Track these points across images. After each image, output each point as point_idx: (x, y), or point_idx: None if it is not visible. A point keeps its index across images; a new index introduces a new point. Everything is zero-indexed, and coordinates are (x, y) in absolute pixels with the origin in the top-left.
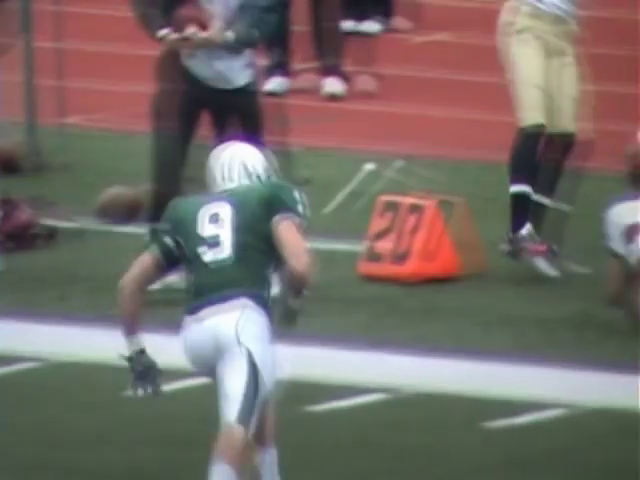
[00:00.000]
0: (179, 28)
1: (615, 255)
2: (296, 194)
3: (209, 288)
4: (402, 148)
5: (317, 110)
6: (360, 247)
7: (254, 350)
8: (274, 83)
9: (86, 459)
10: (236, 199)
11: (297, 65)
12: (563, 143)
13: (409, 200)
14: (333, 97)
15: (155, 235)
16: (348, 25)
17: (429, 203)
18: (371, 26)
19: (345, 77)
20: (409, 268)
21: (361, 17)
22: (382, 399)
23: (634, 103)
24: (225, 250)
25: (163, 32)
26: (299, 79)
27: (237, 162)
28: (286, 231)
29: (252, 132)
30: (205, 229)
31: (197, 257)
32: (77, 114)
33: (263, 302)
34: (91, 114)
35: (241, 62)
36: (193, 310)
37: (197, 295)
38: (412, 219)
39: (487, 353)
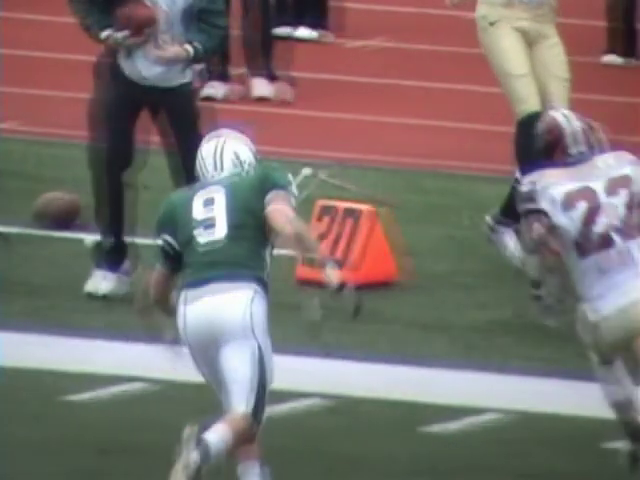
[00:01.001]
0: (120, 27)
1: (532, 214)
2: (287, 174)
3: (207, 266)
4: (336, 153)
5: (251, 115)
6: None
7: (264, 345)
8: (212, 88)
9: (25, 467)
10: (229, 183)
11: (233, 70)
12: None
13: (345, 205)
14: (262, 100)
15: (158, 248)
16: (283, 31)
17: (366, 208)
18: (306, 32)
19: (273, 79)
20: (345, 273)
21: (296, 24)
22: (318, 404)
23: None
24: (220, 231)
25: (106, 33)
26: (235, 84)
27: (228, 151)
28: (279, 204)
29: (189, 132)
30: (200, 213)
31: (192, 239)
32: (12, 119)
33: (265, 286)
34: (26, 119)
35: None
36: (193, 285)
37: (195, 272)
38: (348, 224)
39: (423, 358)
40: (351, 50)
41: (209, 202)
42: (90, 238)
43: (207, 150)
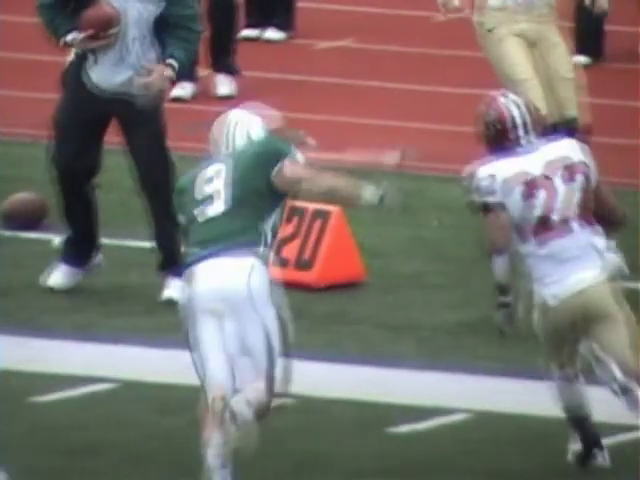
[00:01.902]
0: (83, 28)
1: (491, 208)
2: (287, 143)
3: (207, 240)
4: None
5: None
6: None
7: (269, 318)
8: (181, 89)
9: None
10: (231, 158)
11: (201, 71)
12: (567, 130)
13: (314, 206)
14: (224, 98)
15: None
16: (252, 33)
17: (335, 209)
18: (273, 34)
19: (234, 74)
20: (314, 274)
21: (264, 25)
22: (288, 404)
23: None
24: (220, 205)
25: (70, 37)
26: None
27: (241, 130)
28: (292, 166)
29: (154, 137)
30: (200, 192)
31: (194, 219)
32: None
33: (265, 259)
34: None
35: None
36: (194, 262)
37: (196, 250)
38: (317, 225)
39: (391, 359)
40: (318, 51)
41: (209, 180)
42: (58, 238)
43: (219, 129)
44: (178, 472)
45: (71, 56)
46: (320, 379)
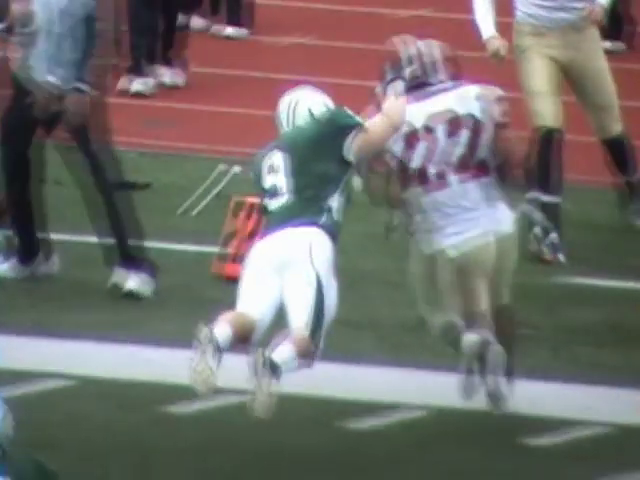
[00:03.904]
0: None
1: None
2: (346, 110)
3: (276, 225)
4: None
5: (168, 111)
6: (228, 250)
7: (324, 278)
8: (140, 83)
9: None
10: (286, 144)
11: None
12: (615, 145)
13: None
14: (174, 87)
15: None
16: (213, 30)
17: None
18: (235, 31)
19: (184, 68)
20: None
21: (226, 23)
22: (237, 401)
23: None
24: (284, 197)
25: None
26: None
27: (302, 107)
28: (363, 137)
29: (82, 133)
30: (266, 181)
31: (264, 208)
32: None
33: (331, 234)
34: None
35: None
36: (262, 237)
37: (266, 231)
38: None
39: (352, 356)
40: (269, 47)
41: (271, 169)
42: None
43: (282, 105)
44: (136, 469)
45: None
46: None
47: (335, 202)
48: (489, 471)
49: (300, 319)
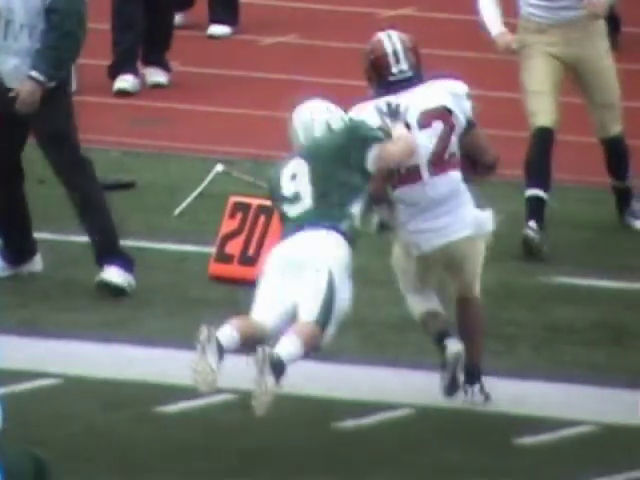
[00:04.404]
0: None
1: None
2: (367, 122)
3: (296, 230)
4: (249, 149)
5: (163, 111)
6: (212, 249)
7: (337, 276)
8: (124, 81)
9: None
10: (309, 153)
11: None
12: (614, 146)
13: (258, 201)
14: (158, 86)
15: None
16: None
17: None
18: (217, 29)
19: (168, 68)
20: (258, 270)
21: (210, 21)
22: (229, 400)
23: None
24: (306, 204)
25: None
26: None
27: (319, 121)
28: (384, 150)
29: (50, 135)
30: (287, 189)
31: (284, 215)
32: None
33: (349, 238)
34: None
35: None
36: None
37: (285, 237)
38: (261, 220)
39: (336, 354)
40: (262, 47)
41: (293, 177)
42: None
43: (298, 119)
44: (119, 467)
45: None
46: None
47: (356, 209)
48: (473, 469)
49: (307, 308)
